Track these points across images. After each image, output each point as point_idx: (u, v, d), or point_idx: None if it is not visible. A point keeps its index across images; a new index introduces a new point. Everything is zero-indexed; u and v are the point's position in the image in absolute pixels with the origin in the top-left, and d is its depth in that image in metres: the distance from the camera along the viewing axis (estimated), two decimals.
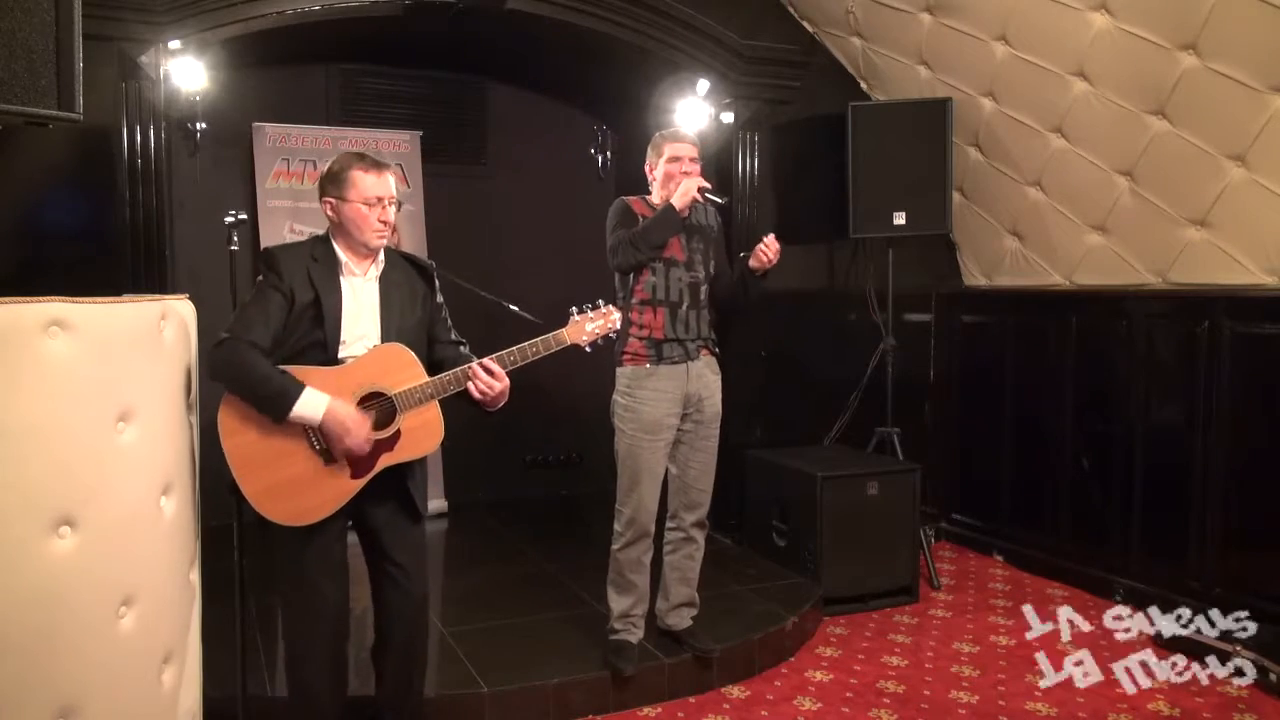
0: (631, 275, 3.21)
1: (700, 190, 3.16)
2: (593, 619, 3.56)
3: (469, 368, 2.43)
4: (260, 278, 2.42)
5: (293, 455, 2.34)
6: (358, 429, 2.33)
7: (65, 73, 2.14)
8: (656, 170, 3.29)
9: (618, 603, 3.29)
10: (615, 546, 3.28)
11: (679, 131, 3.43)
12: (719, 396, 3.33)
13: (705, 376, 3.27)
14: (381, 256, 2.52)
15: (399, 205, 2.51)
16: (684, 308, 3.21)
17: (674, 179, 3.22)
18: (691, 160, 3.25)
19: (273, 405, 2.28)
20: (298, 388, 2.28)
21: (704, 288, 3.27)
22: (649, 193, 3.33)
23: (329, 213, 2.46)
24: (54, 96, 2.13)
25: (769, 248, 3.16)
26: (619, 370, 3.24)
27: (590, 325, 2.61)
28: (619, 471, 3.25)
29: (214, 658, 2.39)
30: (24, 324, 1.70)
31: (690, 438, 3.28)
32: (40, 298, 1.72)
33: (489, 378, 2.43)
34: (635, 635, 3.29)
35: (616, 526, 3.27)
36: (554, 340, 2.56)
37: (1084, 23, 3.77)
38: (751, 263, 3.20)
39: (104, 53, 3.62)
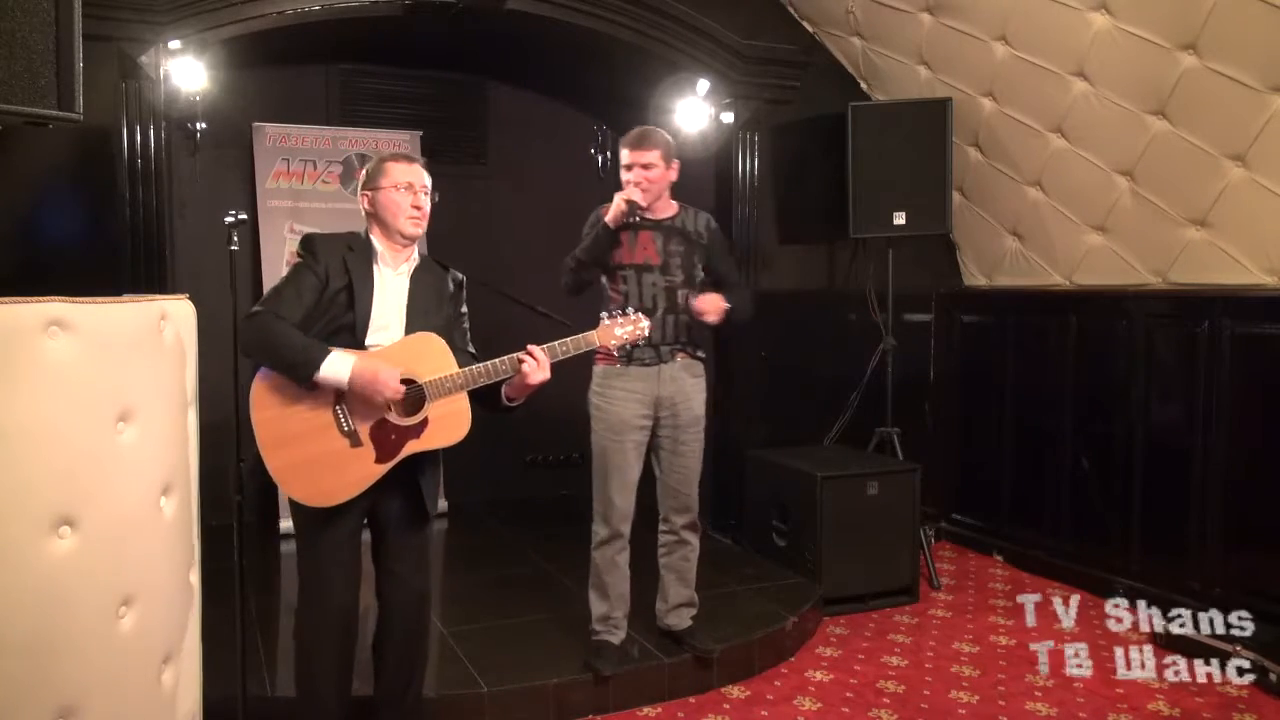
0: (605, 281, 3.18)
1: (628, 203, 3.05)
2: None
3: (513, 356, 2.46)
4: (297, 260, 2.49)
5: (320, 435, 2.37)
6: (389, 376, 2.33)
7: (65, 73, 2.14)
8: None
9: (596, 606, 3.29)
10: (592, 546, 3.27)
11: (635, 134, 3.16)
12: (699, 400, 3.26)
13: (680, 380, 3.21)
14: (416, 256, 2.57)
15: (432, 196, 2.56)
16: (659, 313, 3.14)
17: (626, 186, 3.13)
18: (643, 167, 3.09)
19: (299, 369, 2.31)
20: (324, 350, 2.32)
21: (682, 292, 3.17)
22: None
23: (366, 206, 2.54)
24: (54, 96, 2.13)
25: (709, 309, 3.11)
26: (594, 369, 3.22)
27: (620, 330, 2.65)
28: (593, 470, 3.23)
29: (214, 658, 2.38)
30: (24, 324, 1.70)
31: (669, 442, 3.24)
32: (40, 298, 1.71)
33: (534, 362, 2.47)
34: (616, 637, 3.28)
35: (593, 526, 3.26)
36: (584, 340, 2.59)
37: (1084, 23, 3.77)
38: (710, 319, 3.16)
39: (104, 53, 3.63)
